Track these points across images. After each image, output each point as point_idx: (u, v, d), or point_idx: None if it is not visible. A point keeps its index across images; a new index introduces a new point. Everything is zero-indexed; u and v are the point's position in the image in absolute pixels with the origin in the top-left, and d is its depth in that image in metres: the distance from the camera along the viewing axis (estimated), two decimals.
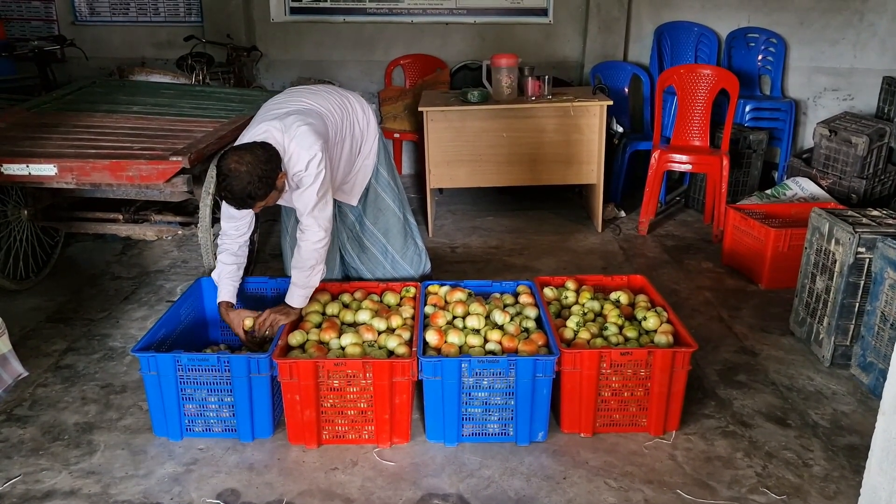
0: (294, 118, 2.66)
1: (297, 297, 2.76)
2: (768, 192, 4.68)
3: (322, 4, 5.80)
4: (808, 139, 5.52)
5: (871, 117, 4.79)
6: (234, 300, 2.86)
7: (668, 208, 5.16)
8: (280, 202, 2.84)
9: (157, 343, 2.60)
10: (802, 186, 4.65)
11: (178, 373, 2.46)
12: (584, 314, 2.79)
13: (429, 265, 3.43)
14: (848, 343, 2.98)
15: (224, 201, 2.53)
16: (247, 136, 2.66)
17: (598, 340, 2.62)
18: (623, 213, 4.97)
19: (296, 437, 2.51)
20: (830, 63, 5.48)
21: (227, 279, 2.85)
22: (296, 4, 5.82)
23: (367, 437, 2.51)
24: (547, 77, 4.49)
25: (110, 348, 3.18)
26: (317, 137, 2.63)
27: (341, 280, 3.30)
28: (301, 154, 2.60)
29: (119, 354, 3.13)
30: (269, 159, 2.51)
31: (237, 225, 2.83)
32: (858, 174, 4.51)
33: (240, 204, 2.54)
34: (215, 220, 3.45)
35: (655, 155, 4.55)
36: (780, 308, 3.55)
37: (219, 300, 2.86)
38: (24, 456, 2.45)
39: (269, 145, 2.55)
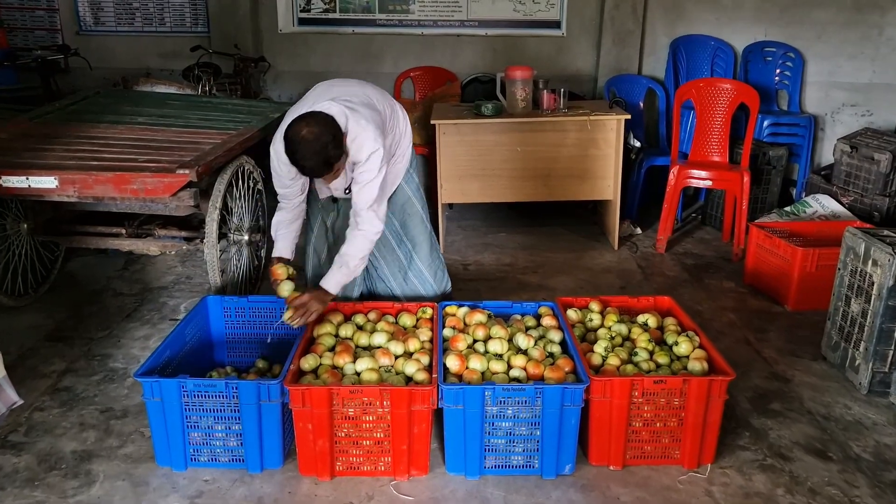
0: (360, 108, 2.62)
1: (335, 282, 2.70)
2: (788, 209, 4.56)
3: (331, 15, 5.70)
4: (825, 155, 5.41)
5: (892, 133, 4.67)
6: (290, 255, 2.91)
7: (685, 225, 5.04)
8: (331, 184, 2.80)
9: (160, 366, 2.46)
10: (823, 204, 4.52)
11: (184, 399, 2.32)
12: (612, 338, 2.64)
13: (450, 284, 3.30)
14: (886, 370, 2.83)
15: (303, 172, 2.55)
16: (304, 109, 2.59)
17: (629, 367, 2.47)
18: (639, 230, 4.84)
19: (307, 469, 2.36)
20: (848, 78, 5.37)
21: (283, 232, 2.89)
22: (304, 15, 5.72)
23: (383, 468, 2.36)
24: (563, 90, 4.37)
25: (111, 369, 3.04)
26: (380, 133, 2.60)
27: (361, 297, 3.19)
28: (365, 146, 2.57)
29: (120, 376, 2.98)
30: (332, 121, 2.49)
31: (291, 192, 2.82)
32: (881, 191, 4.39)
33: (316, 170, 2.49)
34: (221, 235, 3.33)
35: (674, 170, 4.42)
36: (809, 331, 3.41)
37: (274, 254, 2.89)
38: (19, 487, 2.31)
39: (328, 113, 2.52)
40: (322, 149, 2.42)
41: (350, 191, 2.77)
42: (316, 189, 3.02)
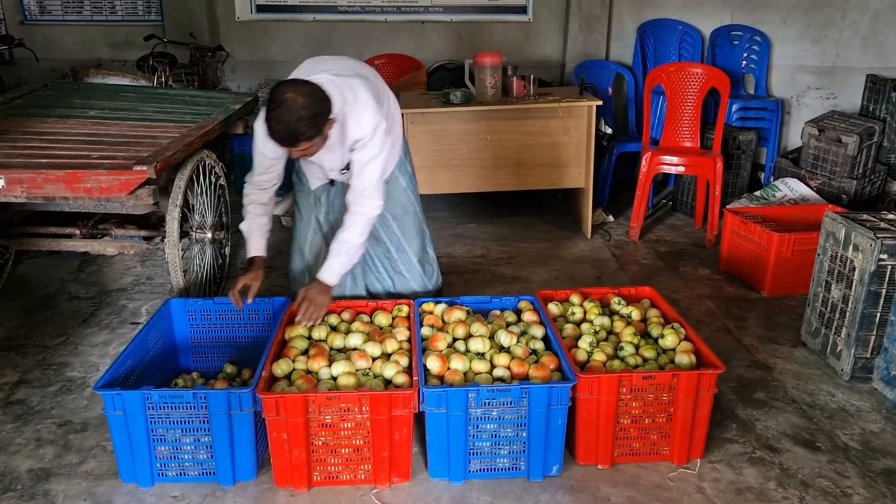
0: (358, 82, 2.48)
1: (336, 273, 2.61)
2: (758, 193, 4.55)
3: (291, 2, 5.51)
4: (792, 139, 5.42)
5: (857, 116, 4.69)
6: (265, 253, 2.76)
7: (656, 212, 4.99)
8: (314, 158, 2.59)
9: (122, 376, 2.31)
10: (792, 187, 4.52)
11: (149, 411, 2.17)
12: (596, 332, 2.56)
13: (441, 280, 3.20)
14: (868, 355, 2.81)
15: (269, 134, 2.35)
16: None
17: (616, 363, 2.40)
18: (611, 218, 4.79)
19: (283, 480, 2.24)
20: (813, 61, 5.37)
21: (258, 232, 2.74)
22: (263, 2, 5.51)
23: (363, 476, 2.25)
24: (532, 77, 4.27)
25: (68, 379, 2.86)
26: (380, 106, 2.49)
27: (366, 295, 3.07)
28: (369, 119, 2.44)
29: (78, 386, 2.81)
30: (324, 99, 2.35)
31: (269, 178, 2.66)
32: (848, 174, 4.40)
33: (284, 138, 2.33)
34: (183, 234, 3.17)
35: (646, 157, 4.36)
36: (787, 317, 3.39)
37: (249, 255, 2.72)
38: None
39: (324, 89, 2.37)
40: (297, 120, 2.28)
41: (347, 170, 2.65)
42: (307, 179, 2.88)
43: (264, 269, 2.74)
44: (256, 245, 2.74)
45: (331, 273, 2.60)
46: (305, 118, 2.28)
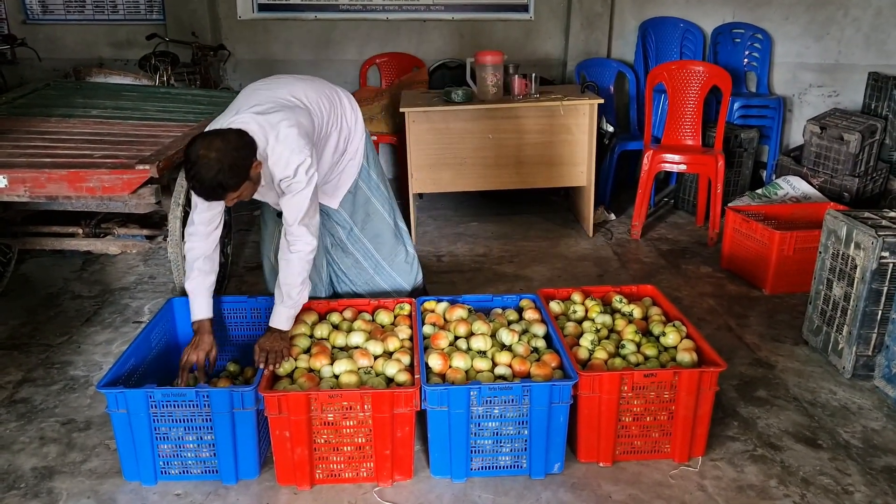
0: (280, 116, 2.36)
1: (285, 318, 2.47)
2: (759, 191, 4.55)
3: (292, 1, 5.51)
4: (794, 137, 5.41)
5: (859, 113, 4.69)
6: (212, 314, 2.57)
7: (657, 210, 4.99)
8: (256, 196, 2.52)
9: (125, 374, 2.32)
10: (794, 185, 4.52)
11: (152, 410, 2.18)
12: (598, 331, 2.57)
13: (421, 276, 3.19)
14: (870, 353, 2.81)
15: (192, 192, 2.30)
16: (222, 124, 2.36)
17: (618, 360, 2.40)
18: (613, 216, 4.79)
19: (285, 478, 2.24)
20: (815, 59, 5.37)
21: (206, 292, 2.53)
22: (264, 1, 5.52)
23: (365, 474, 2.26)
24: (534, 75, 4.28)
25: (72, 378, 2.87)
26: (306, 141, 2.37)
27: (330, 296, 3.05)
28: (290, 158, 2.33)
29: (82, 385, 2.82)
30: (242, 146, 2.24)
31: (210, 216, 2.49)
32: (851, 172, 4.40)
33: (209, 194, 2.26)
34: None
35: (648, 155, 4.36)
36: (789, 315, 3.39)
37: (198, 318, 2.52)
38: None
39: (244, 132, 2.27)
40: (216, 174, 2.18)
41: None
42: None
43: (213, 333, 2.55)
44: (204, 306, 2.55)
45: (280, 320, 2.47)
46: (224, 170, 2.18)
